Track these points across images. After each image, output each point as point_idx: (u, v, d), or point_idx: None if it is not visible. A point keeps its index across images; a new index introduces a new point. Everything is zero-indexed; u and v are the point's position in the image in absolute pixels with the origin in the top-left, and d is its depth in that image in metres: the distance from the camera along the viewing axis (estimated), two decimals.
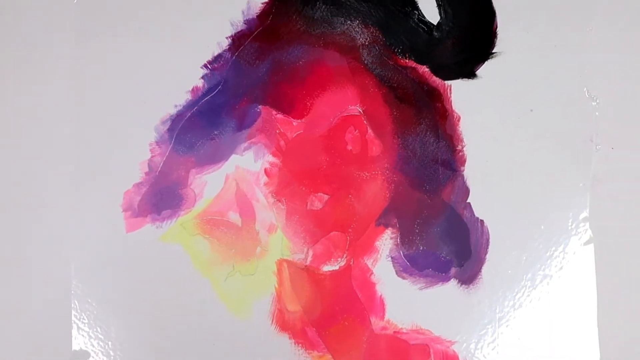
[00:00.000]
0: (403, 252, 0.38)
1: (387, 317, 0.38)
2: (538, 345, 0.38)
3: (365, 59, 0.39)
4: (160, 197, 0.38)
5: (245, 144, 0.39)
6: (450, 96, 0.39)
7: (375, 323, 0.38)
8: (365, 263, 0.39)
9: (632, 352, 0.38)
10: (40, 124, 0.39)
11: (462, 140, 0.38)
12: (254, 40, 0.39)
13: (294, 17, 0.39)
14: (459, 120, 0.38)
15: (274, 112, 0.39)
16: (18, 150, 0.38)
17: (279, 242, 0.39)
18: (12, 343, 0.38)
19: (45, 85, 0.39)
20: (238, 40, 0.39)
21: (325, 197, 0.39)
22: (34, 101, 0.39)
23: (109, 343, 0.38)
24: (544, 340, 0.38)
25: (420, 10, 0.39)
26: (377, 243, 0.39)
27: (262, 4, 0.39)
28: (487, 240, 0.38)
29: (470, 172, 0.38)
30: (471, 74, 0.39)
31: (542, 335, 0.38)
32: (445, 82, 0.39)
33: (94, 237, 0.38)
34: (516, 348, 0.38)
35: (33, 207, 0.38)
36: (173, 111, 0.38)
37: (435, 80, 0.39)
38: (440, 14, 0.39)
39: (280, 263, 0.38)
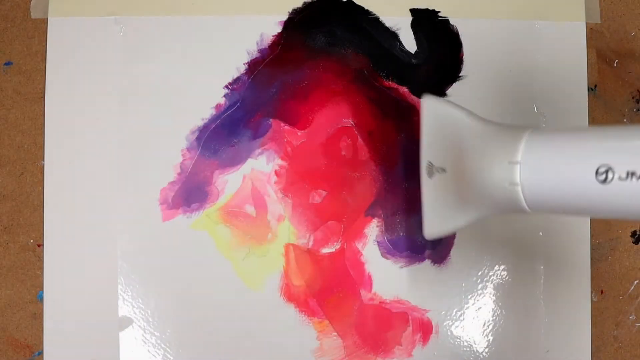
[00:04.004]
0: (387, 238, 0.41)
1: (374, 290, 0.41)
2: (495, 312, 0.41)
3: (356, 81, 0.41)
4: (190, 193, 0.40)
5: (259, 150, 0.41)
6: None
7: (364, 295, 0.41)
8: (356, 246, 0.41)
9: (574, 319, 0.41)
10: (94, 133, 0.41)
11: None
12: (266, 66, 0.41)
13: (299, 47, 0.41)
14: None
15: (282, 124, 0.41)
16: (77, 154, 0.40)
17: (286, 229, 0.41)
18: (69, 312, 0.40)
19: (97, 100, 0.41)
20: (253, 65, 0.41)
21: (324, 193, 0.41)
22: (90, 114, 0.41)
23: (148, 311, 0.40)
24: (500, 308, 0.41)
25: (401, 42, 0.41)
26: (366, 230, 0.41)
27: (273, 36, 0.41)
28: None
29: None
30: (442, 94, 0.41)
31: (498, 303, 0.41)
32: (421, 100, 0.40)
33: (136, 225, 0.40)
34: (478, 314, 0.41)
35: (88, 201, 0.40)
36: (200, 123, 0.41)
37: (414, 99, 0.41)
38: (417, 45, 0.41)
39: (287, 247, 0.41)
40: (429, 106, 0.33)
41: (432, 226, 0.33)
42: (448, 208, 0.32)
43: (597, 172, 0.25)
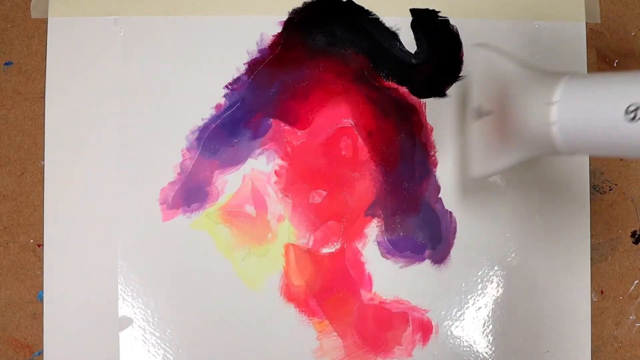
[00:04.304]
0: (387, 238, 0.41)
1: (373, 290, 0.41)
2: (495, 312, 0.41)
3: (356, 81, 0.41)
4: (190, 193, 0.40)
5: (259, 150, 0.41)
6: (425, 111, 0.41)
7: (364, 295, 0.41)
8: (356, 246, 0.41)
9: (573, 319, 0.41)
10: (94, 132, 0.41)
11: (434, 147, 0.41)
12: (266, 66, 0.41)
13: (299, 47, 0.41)
14: (431, 131, 0.41)
15: (282, 124, 0.41)
16: (77, 154, 0.40)
17: (286, 229, 0.41)
18: (69, 312, 0.40)
19: (97, 100, 0.41)
20: (253, 65, 0.41)
21: (324, 192, 0.41)
22: (90, 114, 0.41)
23: (148, 311, 0.40)
24: (500, 308, 0.41)
25: (401, 42, 0.41)
26: (366, 230, 0.41)
27: (273, 36, 0.41)
28: (455, 228, 0.41)
29: (441, 173, 0.41)
30: (442, 94, 0.41)
31: (498, 303, 0.41)
32: (421, 99, 0.41)
33: (136, 225, 0.40)
34: (478, 314, 0.41)
35: (88, 201, 0.40)
36: (200, 123, 0.41)
37: (413, 99, 0.41)
38: (417, 45, 0.42)
39: (287, 246, 0.41)
40: (480, 53, 0.36)
41: (477, 167, 0.37)
42: (492, 150, 0.35)
43: (626, 110, 0.27)
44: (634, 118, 0.26)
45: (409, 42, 0.42)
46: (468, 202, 0.41)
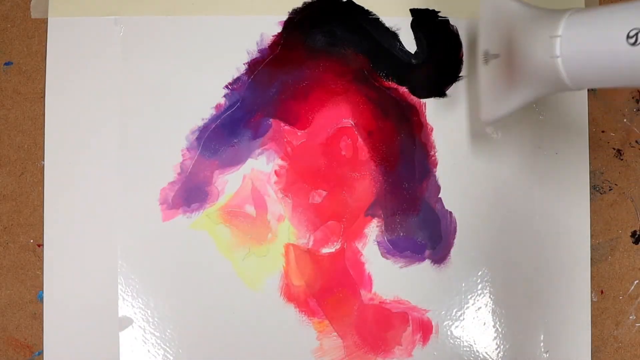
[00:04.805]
0: (387, 238, 0.41)
1: (374, 290, 0.41)
2: (495, 312, 0.41)
3: (356, 81, 0.41)
4: (190, 193, 0.40)
5: (259, 150, 0.41)
6: (425, 111, 0.41)
7: (364, 295, 0.41)
8: (356, 246, 0.41)
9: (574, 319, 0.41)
10: (94, 132, 0.41)
11: (434, 147, 0.41)
12: (266, 66, 0.41)
13: (299, 47, 0.41)
14: (431, 131, 0.41)
15: (282, 124, 0.41)
16: (77, 154, 0.41)
17: (286, 229, 0.41)
18: (69, 312, 0.40)
19: (97, 100, 0.41)
20: (253, 65, 0.41)
21: (324, 193, 0.41)
22: (90, 114, 0.41)
23: (148, 311, 0.40)
24: (500, 308, 0.41)
25: (401, 42, 0.41)
26: (366, 230, 0.41)
27: (273, 36, 0.41)
28: (455, 228, 0.41)
29: (441, 173, 0.41)
30: (442, 94, 0.42)
31: (498, 303, 0.41)
32: (421, 100, 0.41)
33: (136, 225, 0.40)
34: (478, 314, 0.41)
35: (88, 201, 0.40)
36: (200, 123, 0.41)
37: (413, 99, 0.41)
38: (417, 45, 0.42)
39: (287, 246, 0.41)
40: None
41: (488, 111, 0.37)
42: (501, 92, 0.36)
43: (627, 35, 0.28)
44: (635, 42, 0.27)
45: (409, 42, 0.42)
46: (468, 202, 0.42)
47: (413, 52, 0.42)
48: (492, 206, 0.42)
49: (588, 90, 0.43)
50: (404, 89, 0.42)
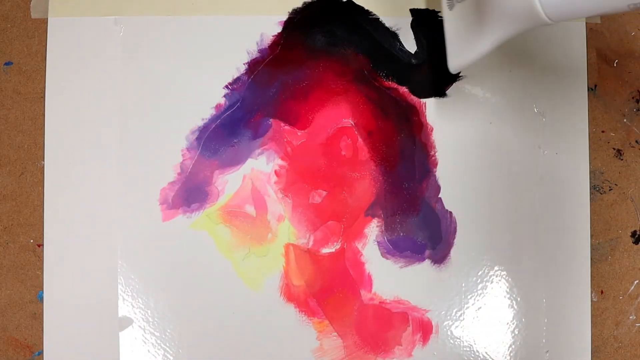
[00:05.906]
0: (387, 238, 0.41)
1: (374, 290, 0.41)
2: (495, 312, 0.41)
3: (356, 81, 0.41)
4: (190, 193, 0.40)
5: (259, 150, 0.41)
6: (425, 111, 0.41)
7: (364, 295, 0.41)
8: (356, 246, 0.41)
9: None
10: (94, 133, 0.41)
11: (434, 147, 0.41)
12: (266, 66, 0.41)
13: (299, 47, 0.41)
14: (432, 131, 0.41)
15: (282, 124, 0.41)
16: (77, 154, 0.41)
17: (286, 229, 0.41)
18: (69, 312, 0.40)
19: (97, 100, 0.41)
20: (253, 65, 0.41)
21: (324, 193, 0.41)
22: (90, 114, 0.41)
23: (148, 312, 0.40)
24: (500, 308, 0.41)
25: (401, 42, 0.42)
26: (366, 230, 0.41)
27: (273, 36, 0.41)
28: (455, 228, 0.41)
29: (441, 173, 0.41)
30: (442, 93, 0.42)
31: (498, 303, 0.41)
32: (421, 99, 0.41)
33: (136, 225, 0.40)
34: (478, 314, 0.41)
35: (88, 201, 0.40)
36: (200, 123, 0.41)
37: (413, 99, 0.41)
38: (417, 45, 0.42)
39: (287, 246, 0.41)
40: None
41: (456, 57, 0.35)
42: (470, 36, 0.34)
43: None
44: None
45: (409, 42, 0.42)
46: (468, 202, 0.42)
47: (413, 52, 0.42)
48: (492, 206, 0.42)
49: (588, 90, 0.43)
50: (404, 89, 0.42)
